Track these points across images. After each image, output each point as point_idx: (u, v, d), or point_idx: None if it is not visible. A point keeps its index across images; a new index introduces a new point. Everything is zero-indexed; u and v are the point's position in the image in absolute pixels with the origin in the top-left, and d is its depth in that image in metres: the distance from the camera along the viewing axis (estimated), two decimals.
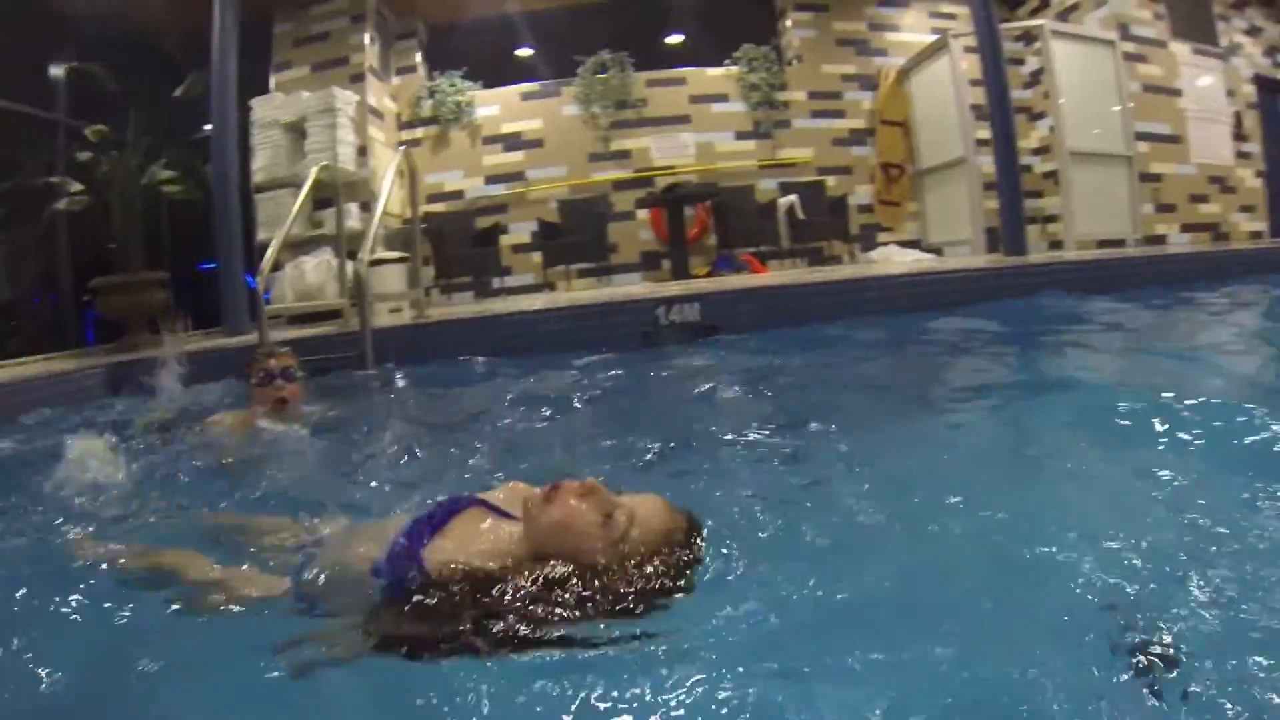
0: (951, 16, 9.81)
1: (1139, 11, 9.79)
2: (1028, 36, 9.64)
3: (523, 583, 1.17)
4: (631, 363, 3.91)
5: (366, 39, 8.36)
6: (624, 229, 8.87)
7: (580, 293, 7.99)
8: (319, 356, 4.10)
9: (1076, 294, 5.22)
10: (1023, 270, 6.16)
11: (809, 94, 9.34)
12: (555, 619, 1.12)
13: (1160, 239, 9.34)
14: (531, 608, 1.13)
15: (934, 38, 9.29)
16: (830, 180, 9.13)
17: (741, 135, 9.13)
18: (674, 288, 6.16)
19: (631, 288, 7.90)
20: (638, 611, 1.15)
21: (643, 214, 8.92)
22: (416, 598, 1.17)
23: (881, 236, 9.52)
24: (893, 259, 8.56)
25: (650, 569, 1.21)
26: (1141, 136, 9.25)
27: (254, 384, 3.02)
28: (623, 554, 1.22)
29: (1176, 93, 9.90)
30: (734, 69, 9.25)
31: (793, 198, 8.27)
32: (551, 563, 1.20)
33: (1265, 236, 10.76)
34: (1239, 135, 10.68)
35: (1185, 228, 9.65)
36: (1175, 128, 9.74)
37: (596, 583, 1.17)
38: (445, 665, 1.05)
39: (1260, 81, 11.45)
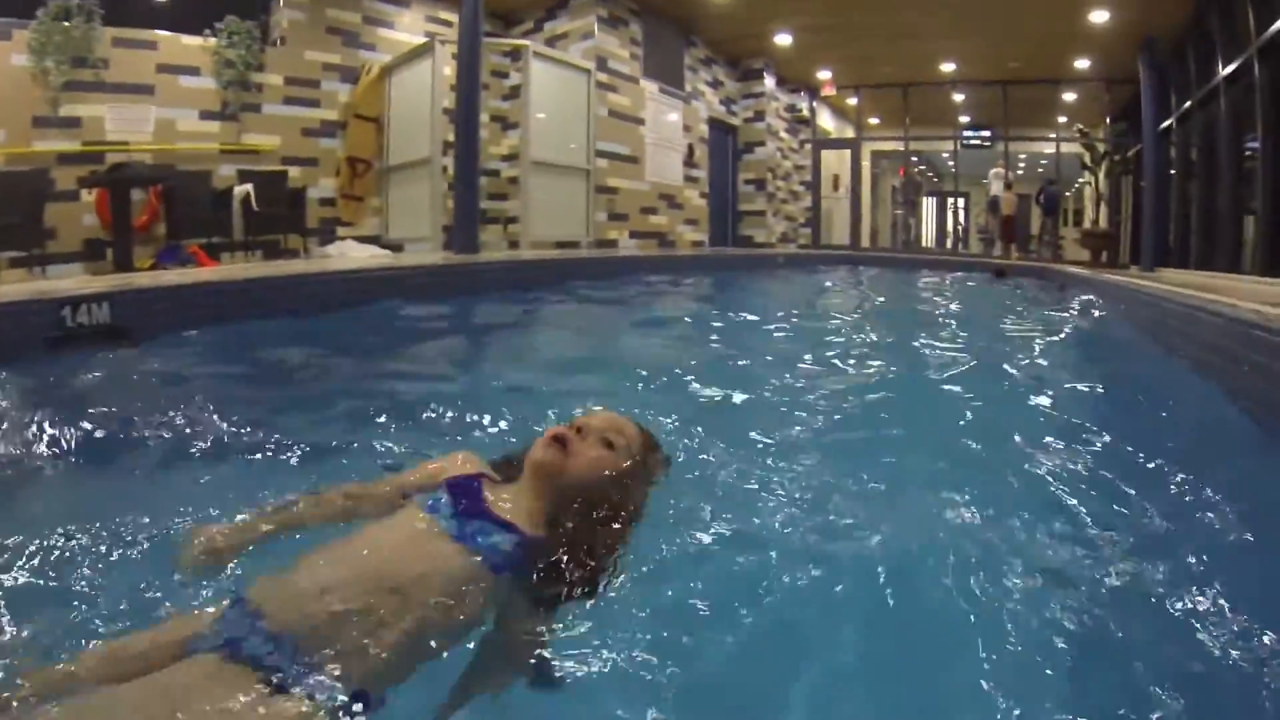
0: (448, 23, 10.49)
1: (619, 50, 11.64)
2: (515, 53, 10.71)
3: (598, 516, 1.37)
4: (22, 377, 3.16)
5: None
6: (66, 211, 7.75)
7: None
8: None
9: (517, 289, 5.93)
10: (471, 268, 6.78)
11: (286, 79, 9.17)
12: (624, 535, 1.37)
13: (612, 243, 11.13)
14: (610, 534, 1.36)
15: (425, 40, 9.70)
16: (294, 171, 9.09)
17: (207, 115, 8.61)
18: (101, 283, 5.38)
19: (41, 283, 6.78)
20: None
21: (91, 195, 7.84)
22: (541, 565, 1.28)
23: (341, 231, 9.67)
24: (349, 254, 8.64)
25: (650, 462, 1.54)
26: (602, 154, 10.91)
27: None
28: (634, 466, 1.49)
29: (640, 121, 11.93)
30: (212, 40, 8.68)
31: (247, 187, 8.11)
32: (599, 495, 1.40)
33: (705, 244, 13.36)
34: (690, 162, 13.13)
35: (634, 234, 11.65)
36: (634, 150, 11.73)
37: (631, 496, 1.44)
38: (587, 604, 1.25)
39: (713, 122, 14.30)
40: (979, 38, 13.57)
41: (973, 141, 18.89)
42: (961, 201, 24.51)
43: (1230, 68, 9.48)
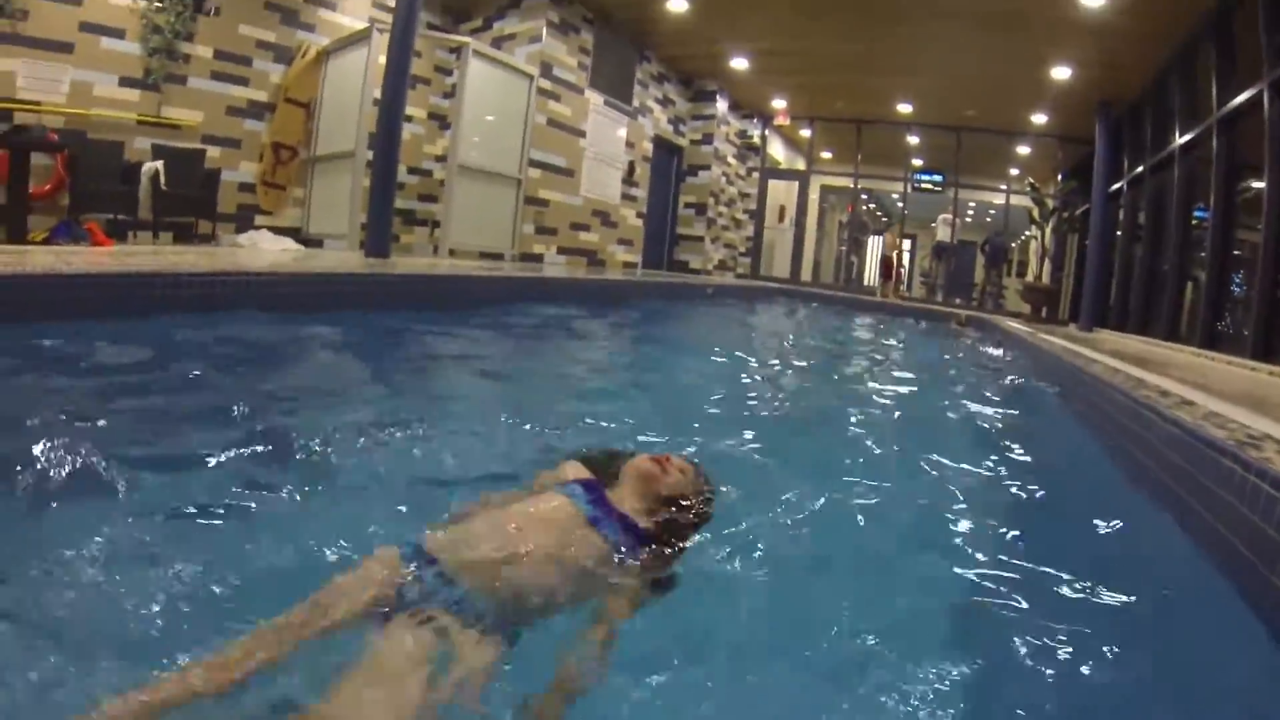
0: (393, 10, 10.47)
1: (566, 57, 11.97)
2: (460, 50, 10.61)
3: (679, 514, 1.92)
4: None
5: None
6: None
7: None
8: None
9: (408, 309, 5.69)
10: (380, 279, 6.22)
11: (217, 52, 9.06)
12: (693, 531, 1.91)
13: (538, 257, 11.44)
14: (685, 527, 1.91)
15: (367, 25, 9.76)
16: (214, 151, 9.07)
17: (127, 82, 8.46)
18: None
19: None
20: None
21: None
22: (648, 550, 1.77)
23: (260, 220, 9.66)
24: (260, 245, 8.60)
25: (705, 490, 2.06)
26: (536, 164, 11.23)
27: None
28: (697, 488, 2.04)
29: (580, 133, 12.28)
30: (142, 2, 8.50)
31: (157, 164, 8.03)
32: (673, 501, 1.94)
33: (638, 267, 13.72)
34: (629, 180, 13.55)
35: (563, 250, 11.99)
36: (571, 163, 12.09)
37: (694, 505, 1.97)
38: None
39: (658, 141, 14.75)
40: (938, 81, 14.39)
41: (924, 185, 19.66)
42: (908, 244, 25.39)
43: (1187, 137, 10.31)
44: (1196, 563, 2.16)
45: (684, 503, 1.96)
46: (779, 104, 17.87)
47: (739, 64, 14.69)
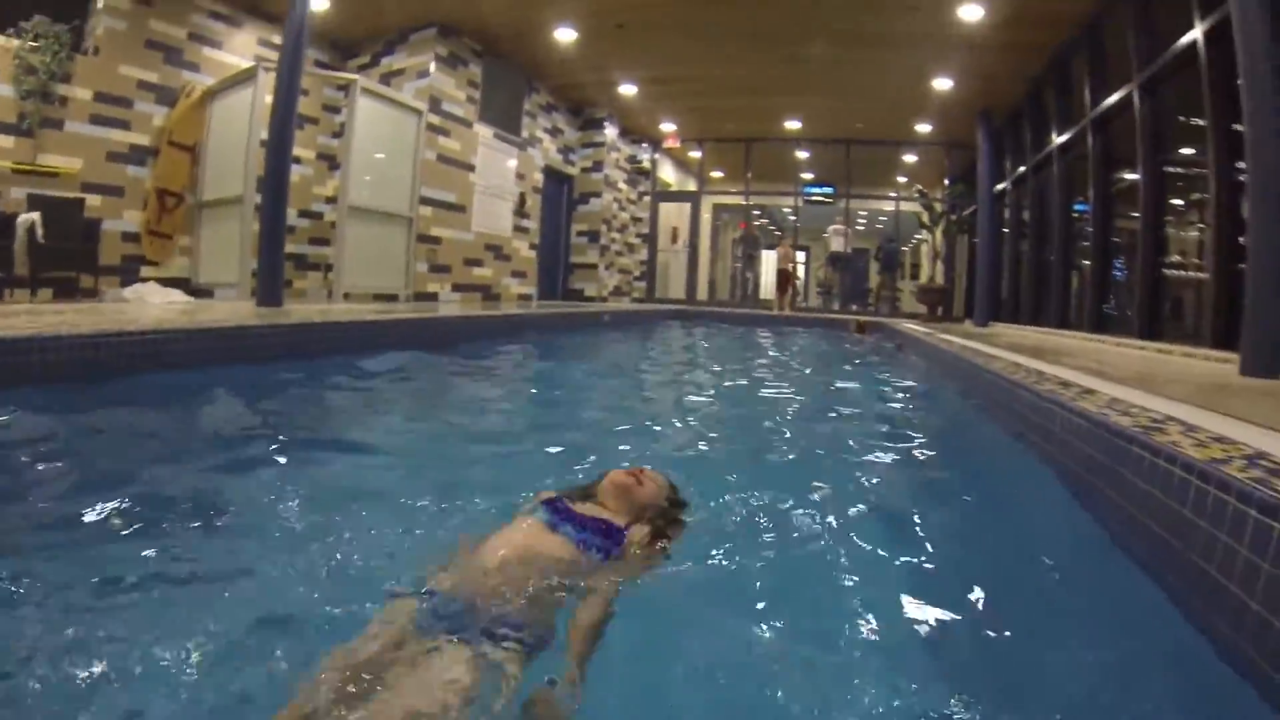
0: (280, 48, 10.06)
1: (455, 91, 12.26)
2: (348, 87, 10.64)
3: (654, 520, 2.21)
4: None
5: None
6: None
7: None
8: None
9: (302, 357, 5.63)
10: (274, 331, 5.95)
11: (96, 95, 8.89)
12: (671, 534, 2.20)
13: (432, 296, 11.68)
14: (663, 530, 2.19)
15: (253, 64, 9.73)
16: (94, 199, 8.85)
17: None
18: None
19: None
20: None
21: None
22: (618, 551, 2.00)
23: (146, 271, 9.39)
24: (147, 299, 8.20)
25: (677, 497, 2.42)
26: (427, 201, 11.49)
27: None
28: (667, 497, 2.36)
29: (470, 168, 12.58)
30: (15, 41, 8.24)
31: (34, 215, 7.78)
32: (646, 509, 2.23)
33: (533, 298, 14.07)
34: (521, 212, 13.89)
35: (457, 287, 12.25)
36: (462, 198, 12.40)
37: (663, 515, 2.26)
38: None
39: (549, 171, 15.16)
40: (826, 98, 15.36)
41: (815, 197, 20.64)
42: (802, 255, 26.36)
43: (1065, 137, 11.52)
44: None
45: (660, 505, 2.30)
46: (668, 128, 18.54)
47: (627, 90, 15.28)
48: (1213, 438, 2.33)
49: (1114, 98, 9.55)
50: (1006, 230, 15.12)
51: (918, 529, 2.66)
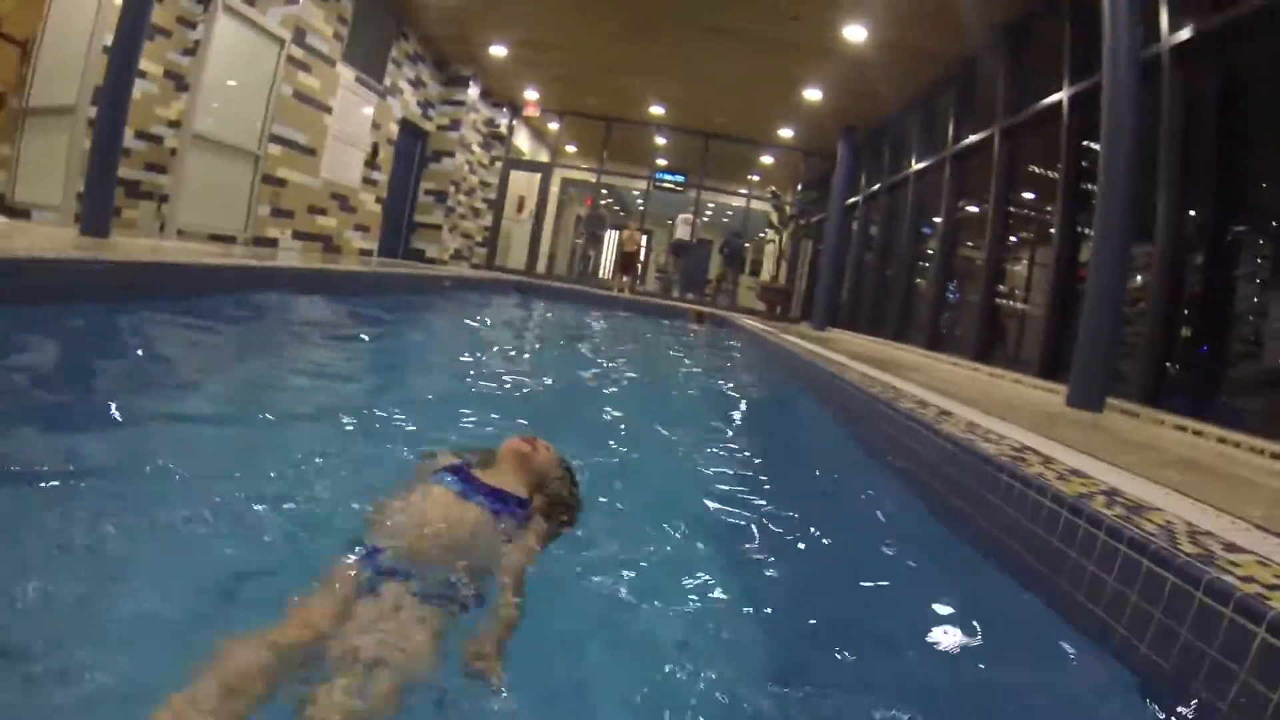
0: None
1: (323, 25, 11.67)
2: (209, 1, 9.83)
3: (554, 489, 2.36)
4: None
5: None
6: None
7: None
8: None
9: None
10: (102, 269, 5.22)
11: None
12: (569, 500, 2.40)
13: (272, 241, 11.17)
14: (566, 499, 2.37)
15: None
16: None
17: None
18: None
19: None
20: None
21: None
22: (525, 515, 2.17)
23: None
24: None
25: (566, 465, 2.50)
26: (276, 140, 10.96)
27: None
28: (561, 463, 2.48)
29: (327, 110, 12.06)
30: None
31: None
32: (542, 477, 2.35)
33: (374, 255, 13.70)
34: (372, 164, 13.44)
35: (298, 235, 11.77)
36: (313, 141, 11.89)
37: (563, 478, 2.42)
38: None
39: (405, 124, 14.75)
40: (694, 88, 15.88)
41: (666, 184, 21.11)
42: (645, 239, 26.86)
43: (923, 164, 12.66)
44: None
45: (554, 476, 2.43)
46: (531, 95, 18.43)
47: (498, 51, 15.20)
48: (1070, 470, 2.68)
49: (976, 137, 10.67)
50: (852, 242, 16.25)
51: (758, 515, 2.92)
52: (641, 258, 21.97)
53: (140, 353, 4.33)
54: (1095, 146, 6.29)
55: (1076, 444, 3.41)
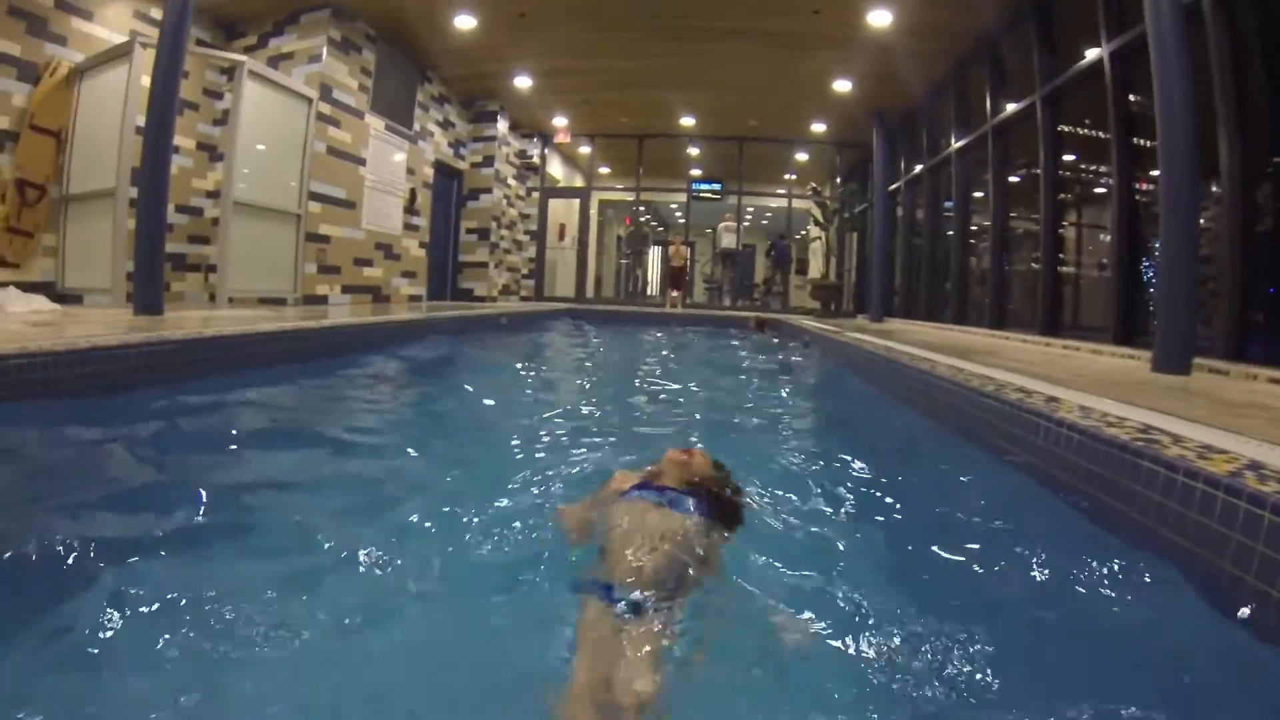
0: (158, 23, 9.25)
1: (347, 79, 11.97)
2: (232, 71, 10.21)
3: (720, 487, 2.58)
4: None
5: None
6: None
7: None
8: None
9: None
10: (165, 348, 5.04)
11: None
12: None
13: (322, 299, 11.43)
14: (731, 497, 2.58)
15: (126, 39, 9.01)
16: None
17: None
18: None
19: None
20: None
21: None
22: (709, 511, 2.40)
23: (4, 274, 8.37)
24: (7, 309, 7.29)
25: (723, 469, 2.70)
26: (316, 197, 11.21)
27: None
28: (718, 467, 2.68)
29: (361, 161, 12.32)
30: None
31: None
32: (701, 481, 2.52)
33: (424, 299, 13.85)
34: (411, 209, 13.64)
35: (347, 288, 11.97)
36: (351, 194, 12.15)
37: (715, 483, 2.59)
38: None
39: (439, 166, 14.96)
40: (723, 95, 15.90)
41: (703, 193, 21.10)
42: (688, 251, 26.83)
43: (963, 141, 12.47)
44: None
45: (716, 476, 2.65)
46: (560, 122, 18.55)
47: (522, 82, 15.33)
48: (1202, 446, 2.50)
49: (1015, 107, 10.52)
50: (898, 228, 16.07)
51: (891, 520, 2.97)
52: (688, 271, 21.90)
53: (235, 426, 4.18)
54: (1143, 99, 6.12)
55: (1189, 414, 3.24)
